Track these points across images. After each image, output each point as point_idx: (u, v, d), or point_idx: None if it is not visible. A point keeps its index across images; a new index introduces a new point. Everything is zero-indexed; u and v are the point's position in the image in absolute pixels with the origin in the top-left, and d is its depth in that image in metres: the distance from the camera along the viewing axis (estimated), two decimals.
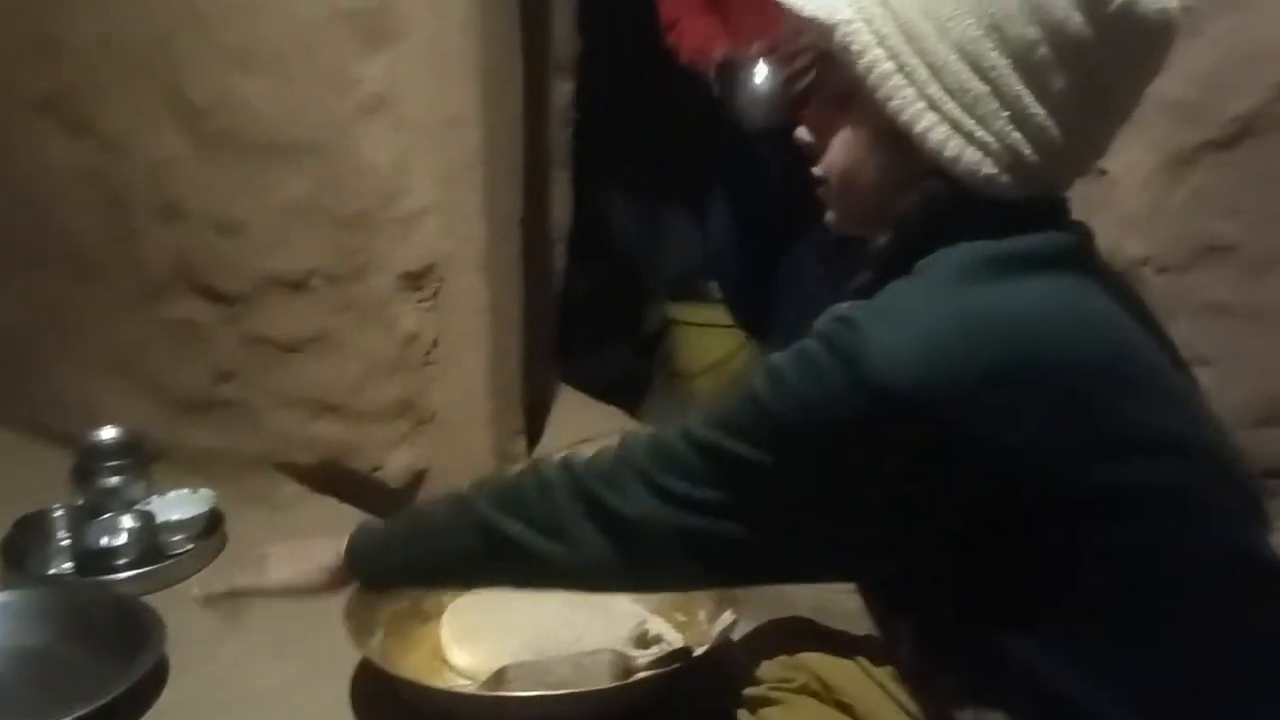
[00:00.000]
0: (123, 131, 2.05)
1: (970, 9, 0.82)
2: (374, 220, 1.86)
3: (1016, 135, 0.84)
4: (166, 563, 1.82)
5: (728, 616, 1.46)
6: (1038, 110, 0.83)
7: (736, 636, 1.37)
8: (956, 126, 0.84)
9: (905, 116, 0.85)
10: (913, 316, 0.81)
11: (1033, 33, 0.82)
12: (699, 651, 1.41)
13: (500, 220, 1.87)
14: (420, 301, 1.90)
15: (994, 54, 0.83)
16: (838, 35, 0.86)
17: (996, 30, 0.82)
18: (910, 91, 0.84)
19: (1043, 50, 0.82)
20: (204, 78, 1.93)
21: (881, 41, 0.85)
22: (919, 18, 0.84)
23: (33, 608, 1.64)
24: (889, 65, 0.85)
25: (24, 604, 1.65)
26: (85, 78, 2.07)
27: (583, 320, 2.36)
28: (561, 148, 2.12)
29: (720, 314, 3.06)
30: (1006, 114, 0.83)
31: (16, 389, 2.35)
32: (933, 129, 0.84)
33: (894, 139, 0.87)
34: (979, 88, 0.83)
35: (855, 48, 0.86)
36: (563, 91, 2.11)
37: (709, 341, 3.01)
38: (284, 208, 1.92)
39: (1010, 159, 0.84)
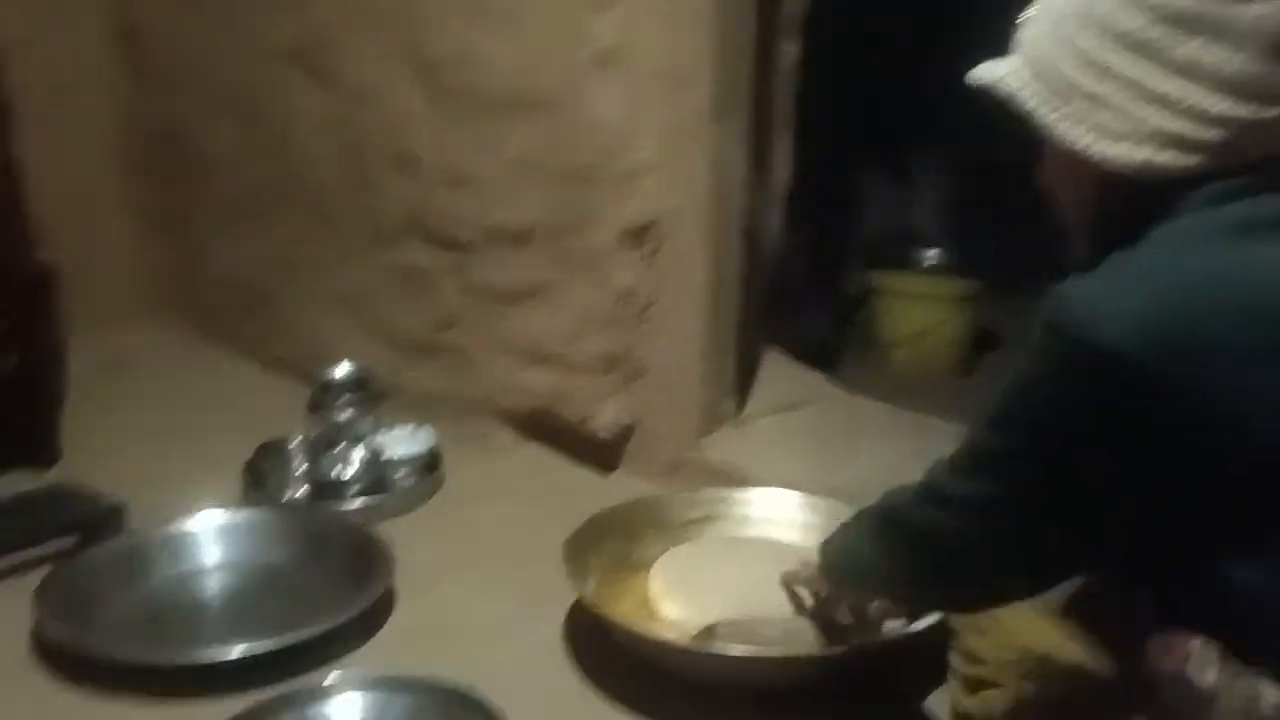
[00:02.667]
0: (363, 84, 2.15)
1: (1083, 21, 0.90)
2: (598, 175, 1.88)
3: (1160, 117, 0.88)
4: (390, 495, 1.92)
5: None
6: (1170, 87, 0.87)
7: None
8: (1102, 131, 0.91)
9: (1070, 139, 0.92)
10: (1132, 280, 0.85)
11: (1139, 19, 0.87)
12: (916, 627, 1.39)
13: (724, 180, 1.86)
14: (639, 258, 1.92)
15: (1112, 54, 0.89)
16: (1001, 91, 0.96)
17: (1108, 31, 0.89)
18: (1057, 115, 0.93)
19: (1154, 31, 0.87)
20: (441, 34, 1.99)
21: (1027, 82, 0.95)
22: (1051, 46, 0.93)
23: (274, 529, 1.76)
24: (1037, 99, 0.94)
25: (266, 524, 1.77)
26: (330, 32, 2.17)
27: (784, 283, 2.34)
28: (785, 109, 2.09)
29: (921, 284, 2.99)
30: (1144, 101, 0.88)
31: (258, 323, 2.51)
32: (1095, 142, 0.91)
33: (1078, 160, 0.93)
34: (1106, 89, 0.90)
35: (1017, 96, 0.95)
36: (789, 52, 2.07)
37: (909, 311, 2.94)
38: (511, 161, 1.97)
39: (1169, 140, 0.88)
